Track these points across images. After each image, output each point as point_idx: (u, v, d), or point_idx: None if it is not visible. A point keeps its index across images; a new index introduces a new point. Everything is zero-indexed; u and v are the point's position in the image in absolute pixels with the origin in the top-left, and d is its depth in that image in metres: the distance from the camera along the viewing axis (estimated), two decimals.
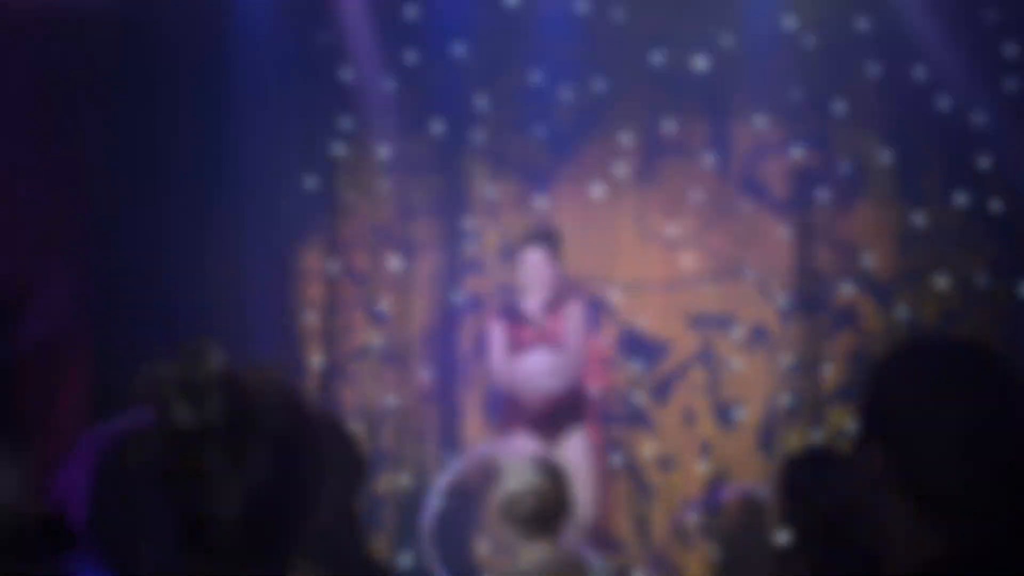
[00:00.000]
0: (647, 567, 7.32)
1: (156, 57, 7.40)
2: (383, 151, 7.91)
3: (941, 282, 7.43)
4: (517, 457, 3.75)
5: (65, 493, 2.20)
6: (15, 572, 2.01)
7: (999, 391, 1.41)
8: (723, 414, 7.51)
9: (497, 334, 6.53)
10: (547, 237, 6.54)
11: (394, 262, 7.88)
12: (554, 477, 3.66)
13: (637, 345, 7.57)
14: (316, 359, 7.88)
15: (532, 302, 6.57)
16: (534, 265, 6.43)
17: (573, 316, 6.48)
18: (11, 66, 6.79)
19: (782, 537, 7.18)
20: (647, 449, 7.49)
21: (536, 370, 6.28)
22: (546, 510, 3.60)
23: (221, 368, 1.34)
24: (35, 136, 6.98)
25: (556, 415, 6.22)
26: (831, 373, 7.47)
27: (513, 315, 6.59)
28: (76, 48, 7.14)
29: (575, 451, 6.14)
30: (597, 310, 7.51)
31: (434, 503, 3.50)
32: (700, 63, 7.60)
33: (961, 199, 7.43)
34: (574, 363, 6.40)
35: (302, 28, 7.71)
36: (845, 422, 7.38)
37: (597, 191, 7.65)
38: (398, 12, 7.76)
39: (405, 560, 7.25)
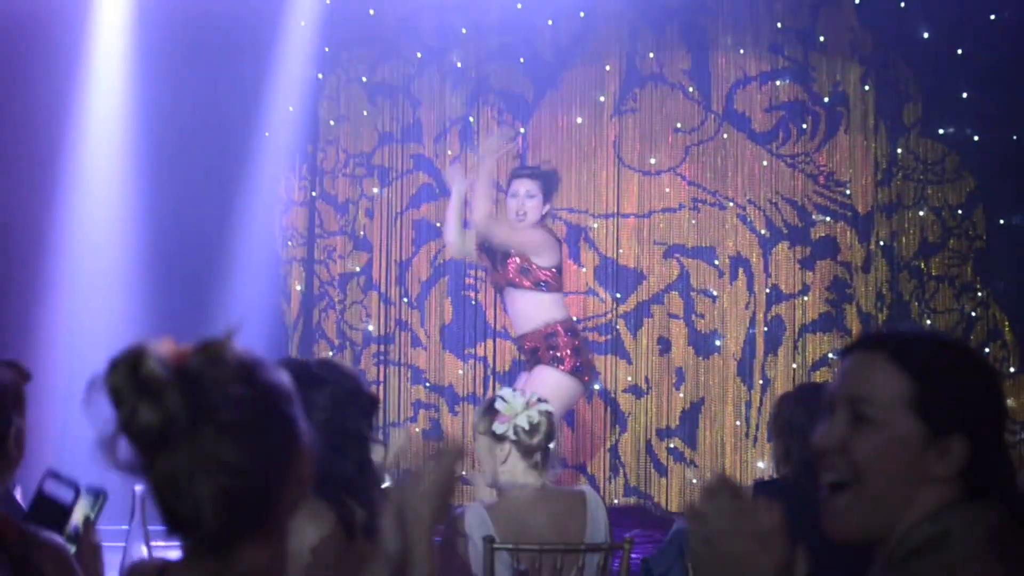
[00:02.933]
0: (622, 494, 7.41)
1: None
2: (364, 76, 7.90)
3: (920, 213, 7.45)
4: (503, 392, 3.77)
5: None
6: None
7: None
8: (700, 343, 7.54)
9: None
10: (542, 175, 6.19)
11: (374, 188, 7.89)
12: (542, 413, 3.67)
13: (614, 274, 7.60)
14: (298, 286, 7.92)
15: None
16: (520, 198, 6.08)
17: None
18: None
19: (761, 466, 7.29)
20: (622, 377, 7.55)
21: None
22: (535, 442, 3.64)
23: (165, 362, 1.36)
24: None
25: (536, 346, 6.07)
26: (810, 302, 7.49)
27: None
28: None
29: (551, 380, 6.01)
30: (576, 238, 7.55)
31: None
32: None
33: (941, 130, 7.42)
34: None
35: None
36: (823, 351, 7.42)
37: (578, 119, 7.65)
38: None
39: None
